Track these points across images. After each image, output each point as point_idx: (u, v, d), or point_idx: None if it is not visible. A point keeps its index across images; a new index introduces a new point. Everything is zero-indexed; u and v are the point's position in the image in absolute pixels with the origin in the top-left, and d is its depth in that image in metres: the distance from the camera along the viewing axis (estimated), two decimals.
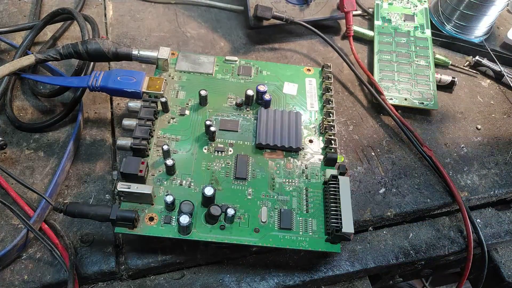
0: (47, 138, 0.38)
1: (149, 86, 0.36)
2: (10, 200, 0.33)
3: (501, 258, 0.38)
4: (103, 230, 0.33)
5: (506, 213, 0.39)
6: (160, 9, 0.52)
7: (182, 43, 0.48)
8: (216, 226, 0.31)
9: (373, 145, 0.41)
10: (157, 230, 0.30)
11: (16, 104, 0.41)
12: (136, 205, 0.31)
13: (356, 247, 0.36)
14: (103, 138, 0.39)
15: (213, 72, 0.40)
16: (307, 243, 0.31)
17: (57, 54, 0.36)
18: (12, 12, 0.49)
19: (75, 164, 0.37)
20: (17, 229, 0.33)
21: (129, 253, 0.33)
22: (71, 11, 0.42)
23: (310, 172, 0.35)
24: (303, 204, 0.33)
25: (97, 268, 0.32)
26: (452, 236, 0.37)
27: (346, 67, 0.47)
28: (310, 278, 0.34)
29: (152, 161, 0.34)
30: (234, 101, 0.38)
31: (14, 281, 0.31)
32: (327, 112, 0.37)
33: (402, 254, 0.36)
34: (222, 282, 0.33)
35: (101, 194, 0.35)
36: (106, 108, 0.41)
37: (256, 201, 0.33)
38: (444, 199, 0.38)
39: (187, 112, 0.37)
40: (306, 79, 0.41)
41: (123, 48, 0.37)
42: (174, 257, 0.33)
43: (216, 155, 0.35)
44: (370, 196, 0.37)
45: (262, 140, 0.35)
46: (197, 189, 0.33)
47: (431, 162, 0.39)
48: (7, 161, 0.37)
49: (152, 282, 0.33)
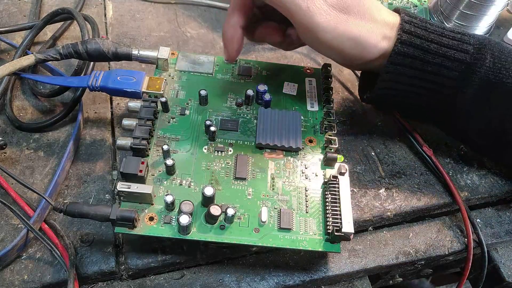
0: (47, 138, 0.38)
1: (149, 86, 0.36)
2: (10, 200, 0.33)
3: (501, 258, 0.38)
4: (103, 230, 0.33)
5: (506, 213, 0.39)
6: (160, 9, 0.52)
7: (182, 43, 0.48)
8: (216, 226, 0.31)
9: (373, 145, 0.41)
10: (157, 230, 0.30)
11: (16, 104, 0.41)
12: (136, 205, 0.31)
13: (356, 247, 0.36)
14: (103, 138, 0.39)
15: (213, 72, 0.40)
16: (307, 243, 0.31)
17: (57, 54, 0.36)
18: (12, 12, 0.49)
19: (75, 164, 0.37)
20: (17, 229, 0.33)
21: (129, 253, 0.33)
22: (71, 11, 0.42)
23: (310, 172, 0.35)
24: (303, 204, 0.33)
25: (97, 268, 0.32)
26: (452, 236, 0.37)
27: None
28: (310, 278, 0.34)
29: (152, 161, 0.34)
30: (234, 101, 0.38)
31: (14, 281, 0.31)
32: (327, 112, 0.37)
33: (402, 254, 0.36)
34: (222, 282, 0.33)
35: (101, 194, 0.35)
36: (106, 108, 0.41)
37: (256, 201, 0.33)
38: (444, 199, 0.38)
39: (187, 112, 0.37)
40: (306, 79, 0.41)
41: (123, 48, 0.37)
42: (174, 257, 0.33)
43: (216, 155, 0.35)
44: (370, 196, 0.37)
45: (262, 140, 0.35)
46: (197, 189, 0.33)
47: (431, 162, 0.39)
48: (7, 161, 0.37)
49: (152, 282, 0.33)
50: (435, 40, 0.33)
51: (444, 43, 0.33)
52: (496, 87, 0.33)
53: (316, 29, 0.32)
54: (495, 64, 0.33)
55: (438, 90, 0.35)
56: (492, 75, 0.33)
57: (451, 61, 0.33)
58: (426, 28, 0.34)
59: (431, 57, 0.33)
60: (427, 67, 0.34)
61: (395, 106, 0.39)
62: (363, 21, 0.33)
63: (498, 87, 0.33)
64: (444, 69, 0.34)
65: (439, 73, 0.34)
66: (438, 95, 0.35)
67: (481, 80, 0.33)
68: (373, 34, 0.33)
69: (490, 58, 0.33)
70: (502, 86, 0.33)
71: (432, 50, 0.33)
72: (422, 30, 0.34)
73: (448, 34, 0.34)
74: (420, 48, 0.33)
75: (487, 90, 0.34)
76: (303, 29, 0.33)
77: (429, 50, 0.33)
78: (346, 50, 0.34)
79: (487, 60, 0.33)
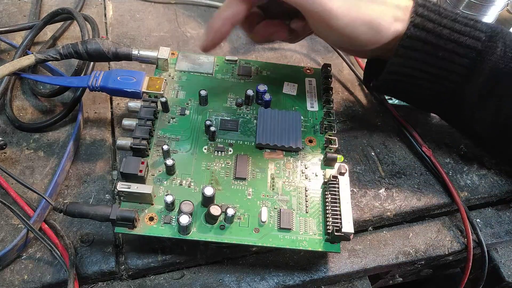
0: (47, 138, 0.38)
1: (149, 86, 0.36)
2: (10, 200, 0.33)
3: (500, 258, 0.38)
4: (103, 230, 0.33)
5: (505, 213, 0.39)
6: (160, 9, 0.52)
7: (182, 43, 0.48)
8: (216, 226, 0.31)
9: (373, 145, 0.41)
10: (157, 230, 0.31)
11: (16, 104, 0.41)
12: (136, 205, 0.31)
13: (356, 247, 0.36)
14: (103, 138, 0.39)
15: (213, 72, 0.40)
16: (307, 243, 0.31)
17: (57, 54, 0.36)
18: (11, 12, 0.49)
19: (75, 164, 0.37)
20: (17, 229, 0.33)
21: (129, 253, 0.33)
22: (71, 11, 0.42)
23: (310, 172, 0.35)
24: (303, 204, 0.33)
25: (97, 268, 0.32)
26: (452, 236, 0.37)
27: (346, 67, 0.47)
28: (310, 278, 0.34)
29: (152, 161, 0.34)
30: (234, 101, 0.38)
31: (14, 281, 0.31)
32: (327, 112, 0.37)
33: (402, 254, 0.36)
34: (222, 282, 0.33)
35: (101, 194, 0.35)
36: (106, 108, 0.41)
37: (256, 201, 0.33)
38: (444, 199, 0.38)
39: (187, 112, 0.37)
40: (306, 79, 0.41)
41: (123, 48, 0.37)
42: (174, 257, 0.33)
43: (216, 155, 0.35)
44: (370, 196, 0.37)
45: (262, 140, 0.35)
46: (197, 189, 0.33)
47: (430, 162, 0.39)
48: (7, 161, 0.37)
49: (152, 282, 0.33)
50: (448, 25, 0.33)
51: (457, 28, 0.33)
52: (505, 76, 0.33)
53: (328, 16, 0.31)
54: (506, 53, 0.33)
55: (447, 77, 0.34)
56: (503, 64, 0.33)
57: (463, 47, 0.33)
58: (439, 12, 0.33)
59: (443, 42, 0.33)
60: (438, 53, 0.33)
61: (402, 93, 0.38)
62: (374, 4, 0.32)
63: (508, 77, 0.33)
64: (455, 55, 0.33)
65: (450, 59, 0.33)
66: (446, 82, 0.34)
67: (491, 68, 0.33)
68: (386, 17, 0.33)
69: (502, 47, 0.33)
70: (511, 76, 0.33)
71: (444, 35, 0.33)
72: (436, 14, 0.33)
73: (461, 20, 0.33)
74: (433, 33, 0.33)
75: (496, 79, 0.33)
76: (314, 18, 0.32)
77: (442, 35, 0.33)
78: (360, 36, 0.33)
79: (499, 48, 0.33)
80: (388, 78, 0.36)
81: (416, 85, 0.36)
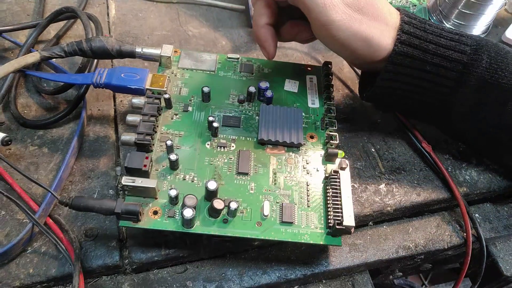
0: (51, 135, 0.39)
1: (153, 83, 0.36)
2: (15, 195, 0.33)
3: (499, 253, 0.39)
4: (107, 225, 0.34)
5: (504, 208, 0.40)
6: (162, 8, 0.52)
7: (184, 42, 0.49)
8: (219, 219, 0.31)
9: (373, 141, 0.41)
10: (161, 223, 0.31)
11: (21, 101, 0.41)
12: (140, 199, 0.32)
13: (356, 241, 0.36)
14: (107, 135, 0.40)
15: (215, 70, 0.41)
16: (308, 237, 0.32)
17: (61, 51, 0.36)
18: (15, 11, 0.49)
19: (79, 160, 0.38)
20: (23, 223, 0.33)
21: (132, 247, 0.33)
22: (75, 10, 0.43)
23: (311, 167, 0.35)
24: (305, 199, 0.33)
25: (101, 262, 0.32)
26: (451, 231, 0.38)
27: (346, 65, 0.48)
28: (311, 272, 0.34)
29: (155, 156, 0.34)
30: (236, 97, 0.39)
31: (20, 275, 0.31)
32: (328, 108, 0.38)
33: (402, 248, 0.36)
34: (224, 275, 0.33)
35: (105, 190, 0.36)
36: (109, 105, 0.42)
37: (258, 196, 0.33)
38: (443, 194, 0.38)
39: (190, 108, 0.37)
40: (307, 77, 0.42)
41: (126, 45, 0.37)
42: (177, 251, 0.33)
43: (218, 151, 0.35)
44: (370, 192, 0.38)
45: (264, 136, 0.35)
46: (200, 184, 0.33)
47: (430, 158, 0.40)
48: (12, 157, 0.37)
49: (155, 276, 0.33)
50: (433, 40, 0.34)
51: (442, 43, 0.34)
52: (492, 88, 0.34)
53: (330, 26, 0.33)
54: (491, 65, 0.34)
55: (436, 90, 0.35)
56: (488, 75, 0.34)
57: (449, 61, 0.34)
58: (424, 29, 0.34)
59: (430, 57, 0.34)
60: (426, 67, 0.34)
61: (394, 105, 0.40)
62: (376, 23, 0.34)
63: (494, 88, 0.34)
64: (442, 69, 0.34)
65: (437, 73, 0.35)
66: (436, 94, 0.36)
67: (478, 80, 0.34)
68: (385, 37, 0.34)
69: (487, 59, 0.34)
70: (498, 87, 0.34)
71: (430, 50, 0.34)
72: (421, 31, 0.34)
73: (446, 35, 0.34)
74: (419, 48, 0.34)
75: (483, 90, 0.34)
76: (318, 25, 0.34)
77: (428, 50, 0.34)
78: (358, 50, 0.34)
79: (484, 60, 0.34)
80: (379, 92, 0.37)
81: (406, 97, 0.37)
